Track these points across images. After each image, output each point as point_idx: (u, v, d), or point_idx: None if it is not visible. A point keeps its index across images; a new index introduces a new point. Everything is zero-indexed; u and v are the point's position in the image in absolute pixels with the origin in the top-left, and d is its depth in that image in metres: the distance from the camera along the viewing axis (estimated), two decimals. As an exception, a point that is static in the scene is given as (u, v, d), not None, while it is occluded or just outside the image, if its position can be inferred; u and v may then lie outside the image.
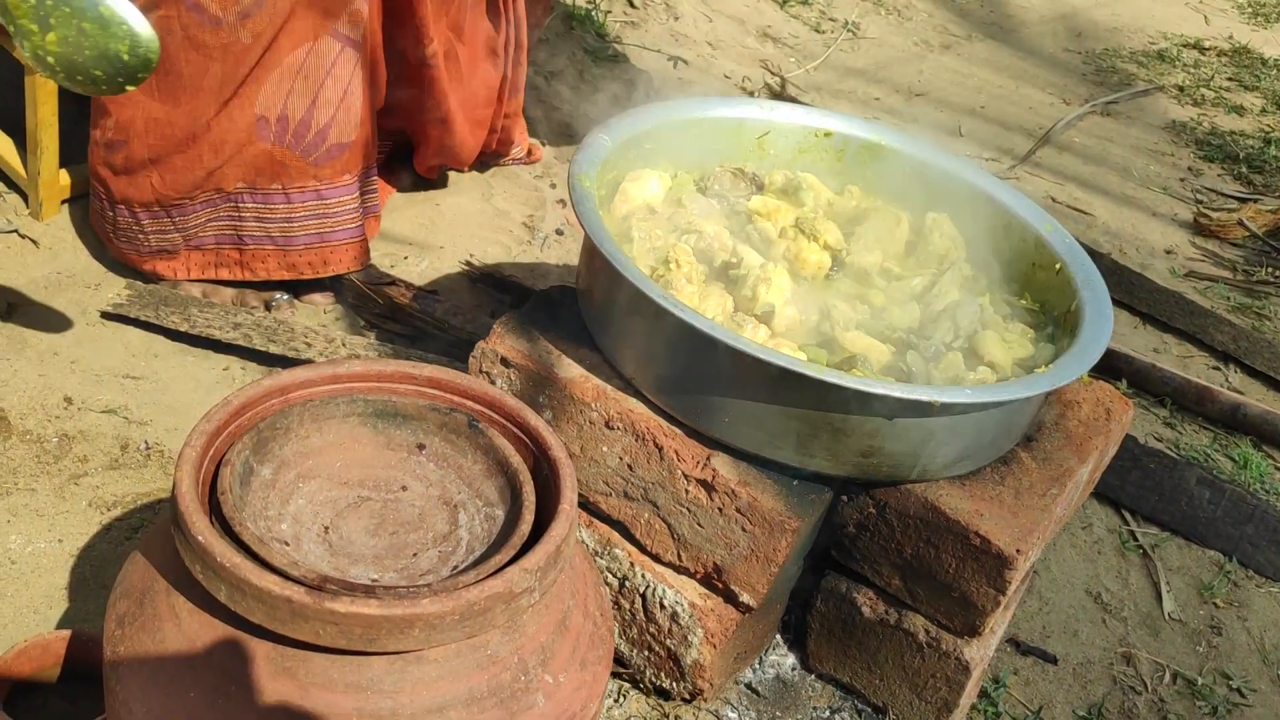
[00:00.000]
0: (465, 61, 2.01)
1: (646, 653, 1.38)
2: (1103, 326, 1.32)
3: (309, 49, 1.65)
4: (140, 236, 1.76)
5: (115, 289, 1.80)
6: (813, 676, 1.45)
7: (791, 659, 1.46)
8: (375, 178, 1.85)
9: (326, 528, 0.97)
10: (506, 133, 2.26)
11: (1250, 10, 4.86)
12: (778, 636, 1.47)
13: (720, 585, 1.30)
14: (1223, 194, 3.16)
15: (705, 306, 1.33)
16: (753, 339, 1.28)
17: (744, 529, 1.25)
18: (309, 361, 1.70)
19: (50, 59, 1.24)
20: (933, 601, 1.31)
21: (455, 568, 0.95)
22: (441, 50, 1.90)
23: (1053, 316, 1.43)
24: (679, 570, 1.33)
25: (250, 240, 1.78)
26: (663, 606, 1.33)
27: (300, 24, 1.63)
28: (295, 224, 1.78)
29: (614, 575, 1.36)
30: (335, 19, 1.65)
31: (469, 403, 1.08)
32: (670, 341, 1.25)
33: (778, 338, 1.33)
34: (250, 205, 1.75)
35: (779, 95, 3.02)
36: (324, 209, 1.78)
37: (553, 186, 2.37)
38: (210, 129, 1.66)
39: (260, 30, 1.61)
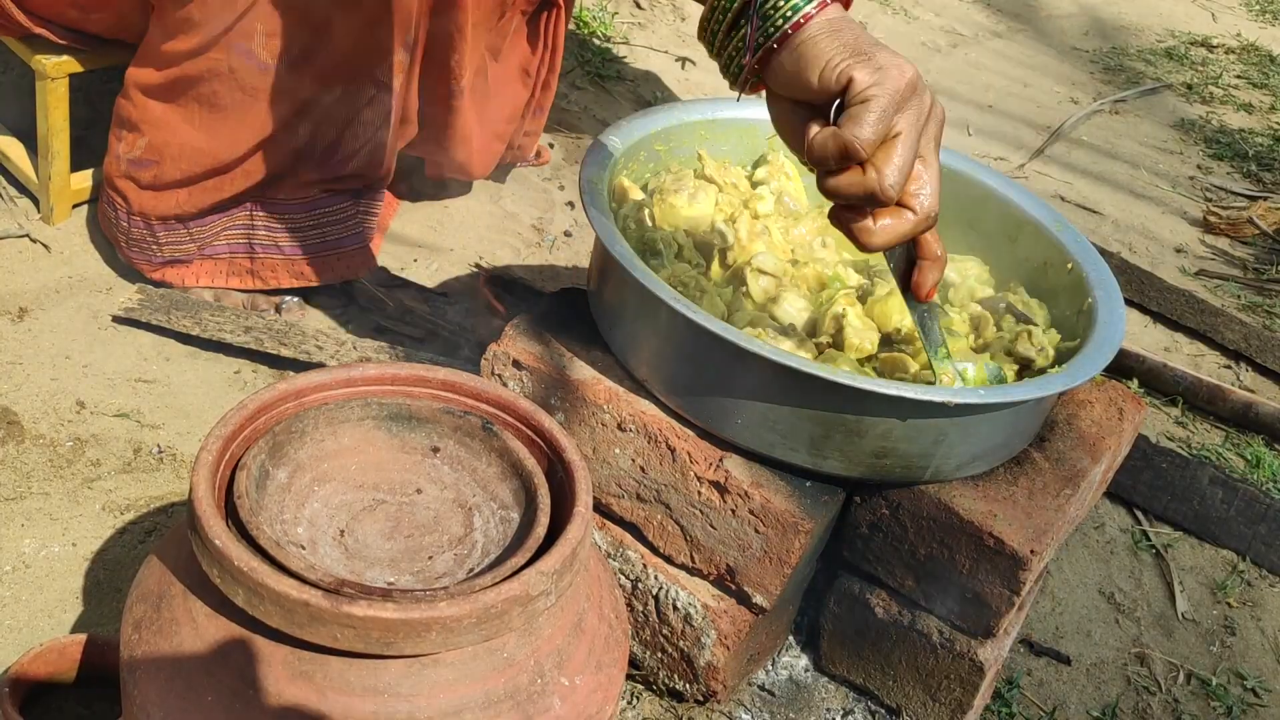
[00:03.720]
0: (494, 79, 2.01)
1: (659, 655, 1.38)
2: (1115, 327, 1.32)
3: (344, 88, 1.66)
4: (154, 247, 1.76)
5: (127, 293, 1.81)
6: (826, 678, 1.45)
7: (804, 660, 1.46)
8: (385, 194, 1.86)
9: (342, 531, 0.97)
10: (523, 149, 2.27)
11: (1258, 8, 4.84)
12: (790, 638, 1.47)
13: (733, 587, 1.30)
14: (1232, 192, 3.15)
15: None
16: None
17: (757, 530, 1.25)
18: (320, 364, 1.71)
19: None
20: (946, 602, 1.30)
21: (471, 571, 0.95)
22: (471, 77, 1.90)
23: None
24: (692, 572, 1.33)
25: (260, 249, 1.78)
26: (675, 608, 1.33)
27: (342, 69, 1.64)
28: (301, 233, 1.78)
29: (627, 577, 1.36)
30: (376, 66, 1.66)
31: (483, 405, 1.08)
32: (682, 343, 1.25)
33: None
34: (261, 214, 1.75)
35: (787, 95, 3.02)
36: (329, 218, 1.79)
37: (561, 188, 2.37)
38: (246, 159, 1.67)
39: (307, 78, 1.62)
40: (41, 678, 1.20)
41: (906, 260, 1.14)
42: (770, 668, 1.45)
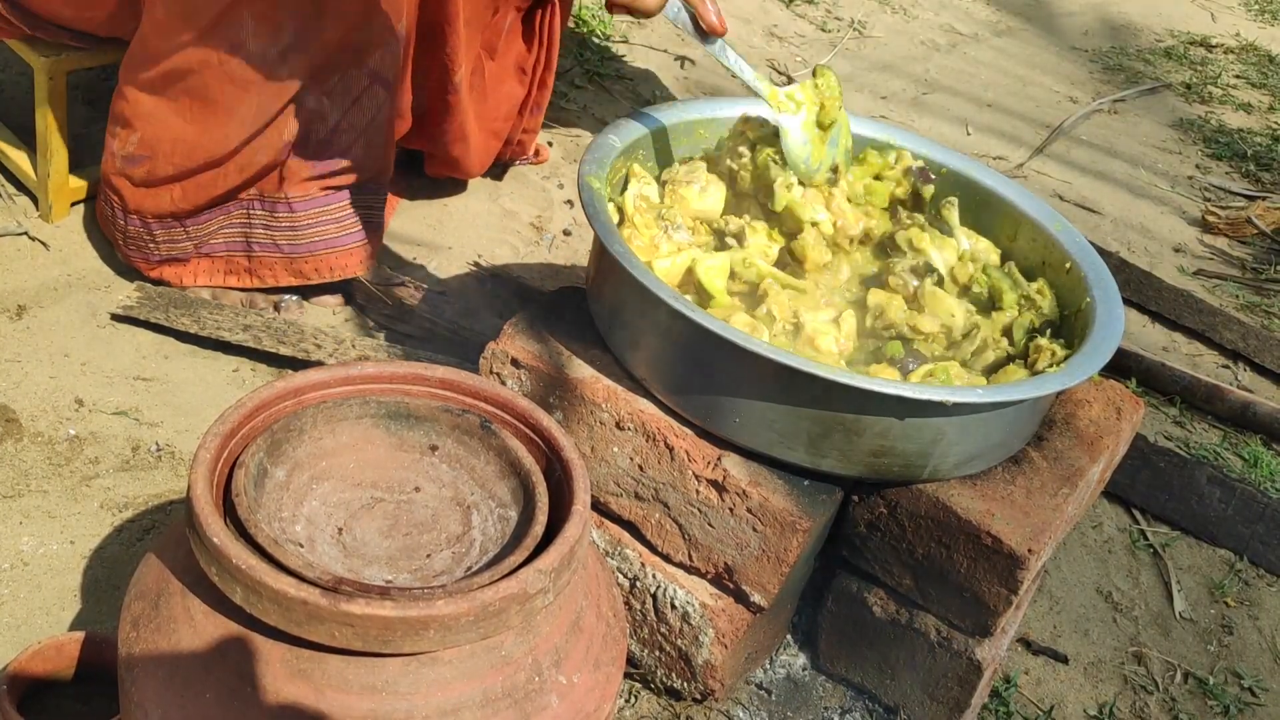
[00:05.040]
0: (491, 77, 2.01)
1: (657, 653, 1.38)
2: (1114, 326, 1.32)
3: (337, 80, 1.66)
4: (151, 245, 1.76)
5: (125, 291, 1.81)
6: (824, 676, 1.45)
7: (802, 659, 1.46)
8: (385, 192, 1.85)
9: (340, 529, 0.97)
10: (522, 145, 2.27)
11: (1257, 8, 4.84)
12: (788, 636, 1.47)
13: (731, 585, 1.30)
14: (1231, 191, 3.16)
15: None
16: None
17: (755, 529, 1.25)
18: (319, 363, 1.71)
19: None
20: (944, 601, 1.30)
21: (469, 569, 0.95)
22: (468, 73, 1.90)
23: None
24: (690, 570, 1.33)
25: (258, 248, 1.78)
26: (674, 607, 1.33)
27: (335, 59, 1.64)
28: (300, 231, 1.78)
29: (625, 576, 1.36)
30: (369, 56, 1.65)
31: (481, 404, 1.08)
32: (680, 342, 1.25)
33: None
34: (259, 212, 1.75)
35: (786, 94, 3.02)
36: (327, 215, 1.79)
37: (560, 187, 2.37)
38: (239, 152, 1.67)
39: (297, 70, 1.61)
40: (40, 675, 1.20)
41: (690, 17, 1.39)
42: (768, 666, 1.45)
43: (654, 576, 1.34)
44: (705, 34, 1.38)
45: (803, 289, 1.37)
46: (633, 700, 1.40)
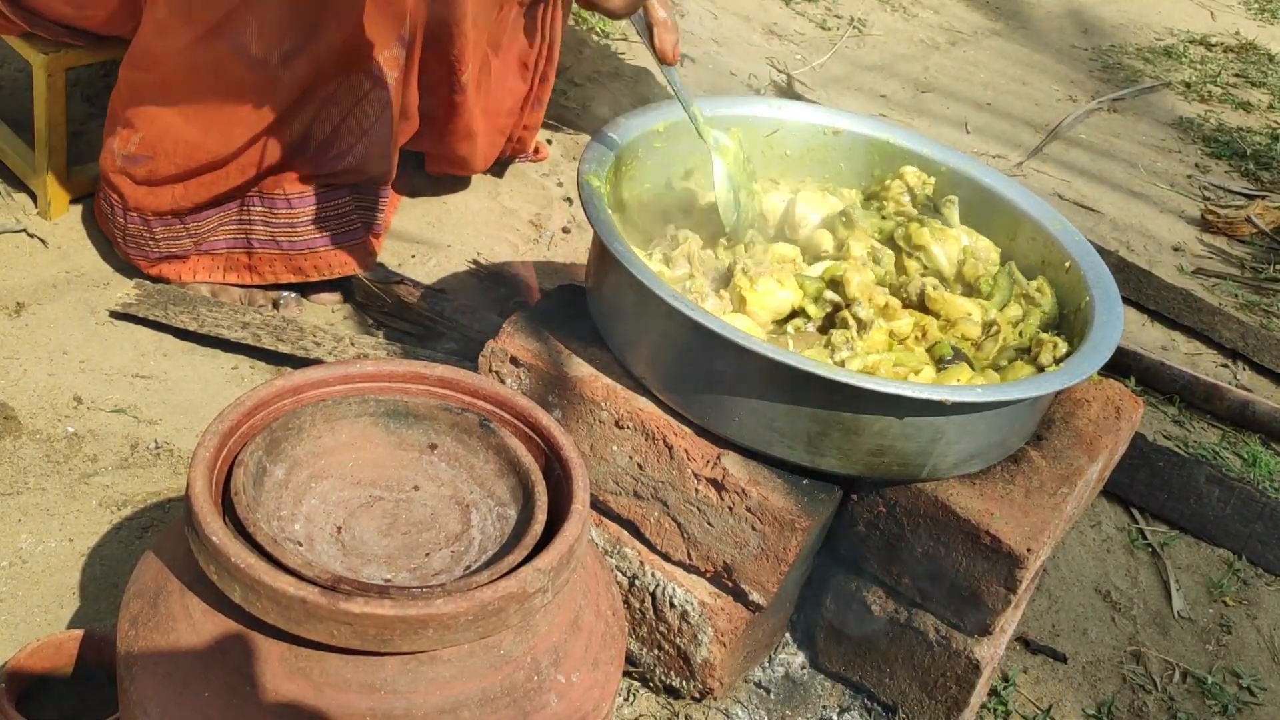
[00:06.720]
0: (496, 73, 2.02)
1: (656, 651, 1.38)
2: (1113, 325, 1.32)
3: (340, 83, 1.66)
4: (150, 243, 1.76)
5: (124, 288, 1.80)
6: (822, 675, 1.45)
7: (801, 657, 1.46)
8: (389, 191, 1.85)
9: (339, 528, 0.97)
10: (522, 142, 2.27)
11: (1257, 6, 4.84)
12: (787, 635, 1.47)
13: (730, 584, 1.30)
14: (1230, 190, 3.16)
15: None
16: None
17: (754, 528, 1.25)
18: (318, 361, 1.71)
19: None
20: (943, 600, 1.30)
21: (468, 568, 0.95)
22: (475, 72, 1.90)
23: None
24: (689, 569, 1.33)
25: (258, 244, 1.78)
26: (672, 605, 1.33)
27: (337, 63, 1.64)
28: (299, 228, 1.78)
29: (624, 574, 1.36)
30: (370, 60, 1.65)
31: (480, 402, 1.08)
32: (680, 341, 1.25)
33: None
34: (259, 209, 1.75)
35: (785, 93, 3.02)
36: (328, 213, 1.79)
37: (559, 184, 2.37)
38: (241, 153, 1.67)
39: (300, 73, 1.61)
40: (39, 672, 1.20)
41: (650, 34, 1.40)
42: (767, 665, 1.45)
43: (653, 575, 1.34)
44: (659, 58, 1.41)
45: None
46: (631, 698, 1.40)
